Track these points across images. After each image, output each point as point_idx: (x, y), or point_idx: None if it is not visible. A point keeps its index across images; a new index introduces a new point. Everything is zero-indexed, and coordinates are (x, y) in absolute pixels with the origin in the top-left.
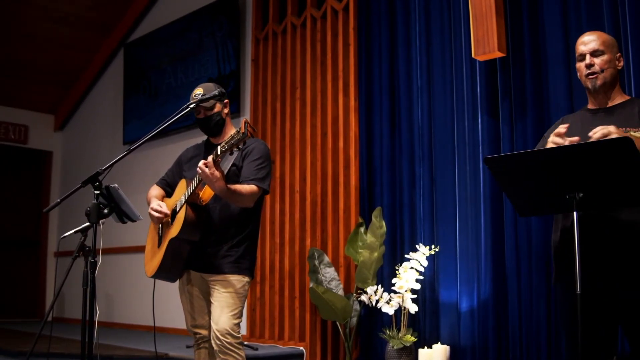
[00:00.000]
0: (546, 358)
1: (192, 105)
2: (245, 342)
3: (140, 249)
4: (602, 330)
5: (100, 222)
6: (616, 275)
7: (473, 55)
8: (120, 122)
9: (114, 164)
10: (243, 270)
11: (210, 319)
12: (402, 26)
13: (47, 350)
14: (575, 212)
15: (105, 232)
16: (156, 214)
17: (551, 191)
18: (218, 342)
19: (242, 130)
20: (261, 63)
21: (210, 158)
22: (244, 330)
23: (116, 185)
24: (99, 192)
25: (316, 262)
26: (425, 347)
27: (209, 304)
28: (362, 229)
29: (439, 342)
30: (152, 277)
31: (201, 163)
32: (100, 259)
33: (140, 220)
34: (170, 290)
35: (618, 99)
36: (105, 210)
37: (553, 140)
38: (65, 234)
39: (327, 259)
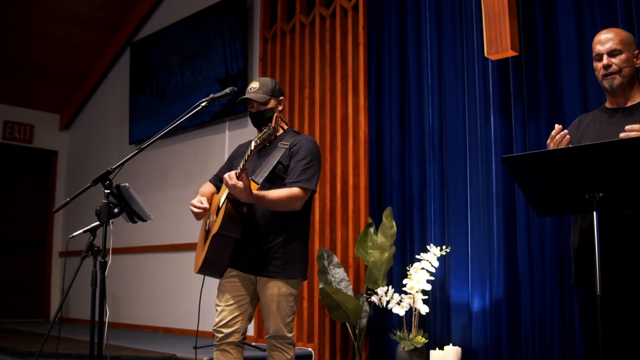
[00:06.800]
0: (559, 359)
1: (203, 104)
2: (253, 343)
3: (147, 249)
4: (620, 331)
5: (110, 221)
6: (635, 276)
7: (485, 55)
8: (126, 122)
9: (125, 162)
10: (292, 273)
11: (240, 320)
12: (412, 25)
13: (56, 350)
14: (595, 213)
15: (112, 231)
16: (195, 210)
17: (570, 191)
18: (269, 343)
19: (272, 125)
20: (269, 62)
21: (233, 172)
22: (251, 331)
23: (127, 184)
24: (109, 191)
25: (325, 263)
26: (437, 349)
27: (248, 305)
28: (371, 229)
29: (451, 344)
30: (198, 272)
31: (226, 175)
32: (110, 259)
33: (151, 220)
34: (176, 291)
35: (637, 97)
36: (116, 210)
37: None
38: (74, 234)
39: (336, 259)
